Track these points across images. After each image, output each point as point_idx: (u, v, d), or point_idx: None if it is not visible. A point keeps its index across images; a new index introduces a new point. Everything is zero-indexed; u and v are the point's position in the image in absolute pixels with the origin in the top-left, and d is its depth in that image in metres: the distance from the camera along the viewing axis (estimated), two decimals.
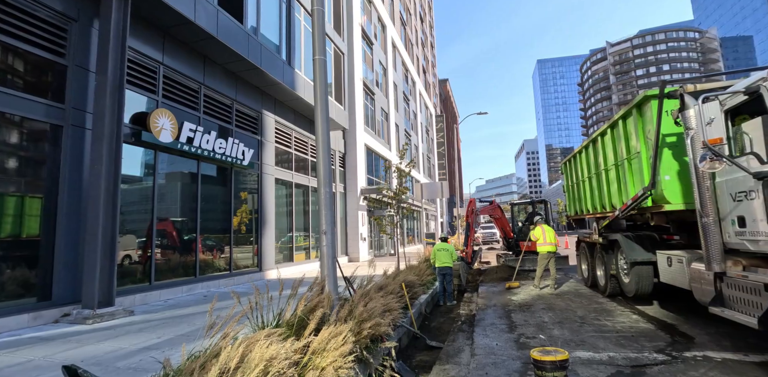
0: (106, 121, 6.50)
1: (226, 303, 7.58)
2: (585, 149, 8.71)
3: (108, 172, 6.46)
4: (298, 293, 4.49)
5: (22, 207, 6.09)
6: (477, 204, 13.82)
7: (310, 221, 14.80)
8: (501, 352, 4.69)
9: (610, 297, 7.65)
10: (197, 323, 5.82)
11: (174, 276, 8.59)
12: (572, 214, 10.41)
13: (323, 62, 5.02)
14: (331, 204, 4.79)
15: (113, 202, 6.52)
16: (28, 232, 6.11)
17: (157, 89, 8.36)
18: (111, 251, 6.43)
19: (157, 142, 7.94)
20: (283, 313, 4.45)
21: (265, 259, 11.64)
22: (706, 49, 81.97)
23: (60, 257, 6.25)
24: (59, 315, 6.12)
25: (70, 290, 6.33)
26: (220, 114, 10.21)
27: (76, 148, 6.58)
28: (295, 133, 14.06)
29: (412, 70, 34.06)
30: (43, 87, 6.39)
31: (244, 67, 10.47)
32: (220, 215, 10.23)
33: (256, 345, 2.76)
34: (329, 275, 4.63)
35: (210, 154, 9.34)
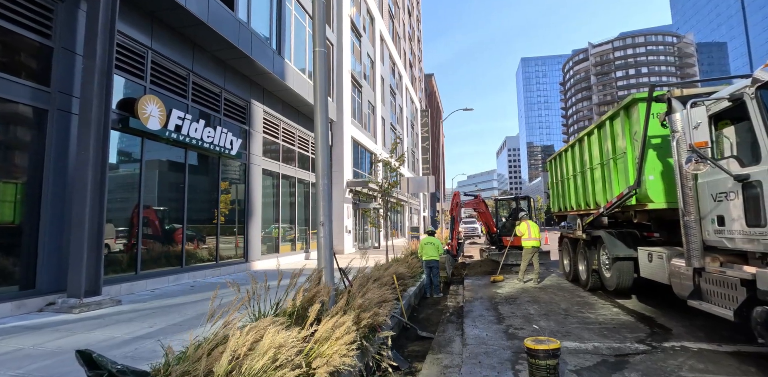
0: (94, 107, 6.33)
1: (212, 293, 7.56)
2: (571, 148, 8.95)
3: (95, 159, 6.31)
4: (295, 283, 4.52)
5: (4, 193, 5.90)
6: (461, 197, 14.00)
7: (296, 213, 14.75)
8: (491, 342, 4.86)
9: (591, 291, 7.96)
10: (188, 313, 5.79)
11: (160, 266, 8.48)
12: (555, 211, 10.71)
13: (323, 54, 5.02)
14: (330, 196, 4.83)
15: (100, 190, 6.38)
16: (11, 219, 5.93)
17: (145, 75, 8.15)
18: (98, 239, 6.30)
19: (144, 129, 7.76)
20: (281, 303, 4.48)
21: (251, 250, 11.58)
22: (683, 54, 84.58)
23: (44, 245, 6.09)
24: (44, 304, 5.98)
25: (55, 279, 6.19)
26: (208, 102, 10.03)
27: (62, 133, 6.39)
28: (283, 124, 13.93)
29: (399, 64, 34.00)
30: (27, 69, 6.16)
31: (233, 55, 10.29)
32: (206, 205, 10.10)
33: (266, 333, 2.80)
34: (327, 266, 4.69)
35: (198, 143, 9.18)
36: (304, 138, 15.58)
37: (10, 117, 5.97)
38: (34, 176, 6.13)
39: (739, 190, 3.97)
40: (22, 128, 6.13)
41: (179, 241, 9.03)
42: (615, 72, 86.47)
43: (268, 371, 2.64)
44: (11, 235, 5.87)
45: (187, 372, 2.82)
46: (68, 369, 3.49)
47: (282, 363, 2.70)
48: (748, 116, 3.95)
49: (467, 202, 14.15)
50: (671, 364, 3.99)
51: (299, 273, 4.62)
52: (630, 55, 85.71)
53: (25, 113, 6.07)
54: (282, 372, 2.65)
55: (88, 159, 6.22)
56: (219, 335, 3.17)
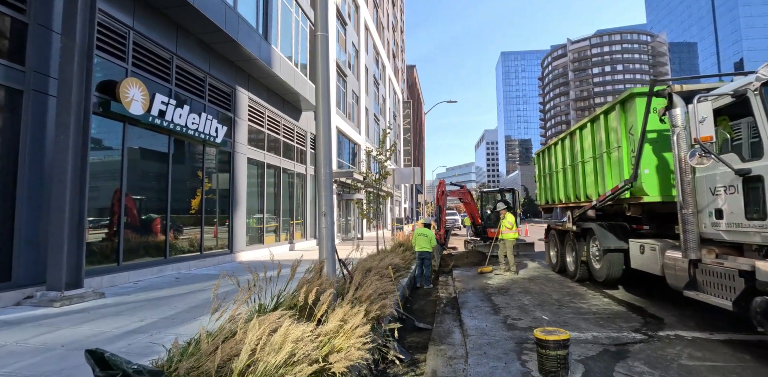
0: (74, 89, 5.93)
1: (203, 284, 7.30)
2: (561, 141, 9.05)
3: (75, 144, 5.94)
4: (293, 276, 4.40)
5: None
6: (447, 186, 14.04)
7: (280, 203, 14.48)
8: (492, 333, 4.88)
9: (580, 282, 8.13)
10: (178, 306, 5.58)
11: (143, 257, 8.15)
12: (543, 203, 10.87)
13: (325, 39, 4.82)
14: (331, 186, 4.69)
15: (81, 176, 6.02)
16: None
17: (127, 56, 7.71)
18: (79, 229, 5.97)
19: (126, 114, 7.37)
20: (282, 295, 4.35)
21: (236, 241, 11.30)
22: (656, 53, 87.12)
23: (20, 235, 5.72)
24: (21, 297, 5.65)
25: (32, 270, 5.84)
26: (192, 88, 9.61)
27: (38, 116, 5.97)
28: (269, 112, 13.55)
29: (382, 54, 33.63)
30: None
31: (219, 39, 9.86)
32: (190, 194, 9.75)
33: (281, 326, 2.68)
34: (328, 258, 4.57)
35: (182, 130, 8.81)
36: (289, 127, 15.23)
37: None
38: (8, 161, 5.72)
39: (740, 184, 4.06)
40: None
41: (162, 231, 8.69)
42: (592, 68, 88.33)
43: (286, 366, 2.54)
44: None
45: (195, 367, 2.68)
46: (57, 367, 3.28)
47: (299, 358, 2.60)
48: (751, 112, 4.03)
49: (452, 191, 14.21)
50: (670, 353, 4.09)
51: (297, 265, 4.48)
52: (606, 53, 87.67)
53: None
54: (300, 367, 2.55)
55: (68, 143, 5.84)
56: (226, 329, 3.02)
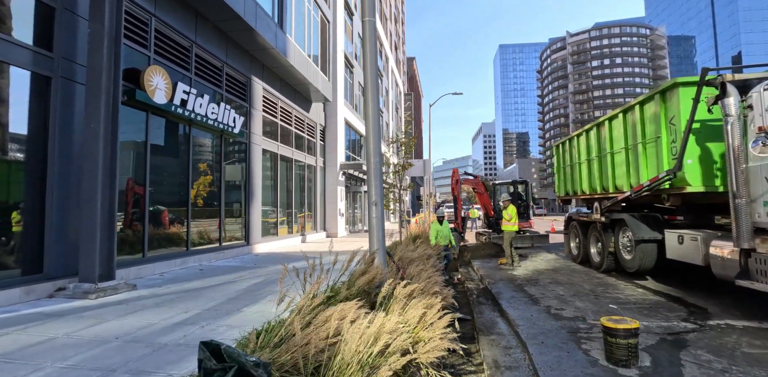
0: (103, 76, 5.76)
1: (229, 276, 7.19)
2: (586, 132, 8.98)
3: (106, 133, 5.78)
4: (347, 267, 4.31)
5: (6, 170, 5.33)
6: (460, 175, 13.97)
7: (293, 195, 14.36)
8: (541, 323, 4.84)
9: (605, 273, 8.13)
10: (216, 297, 5.49)
11: (166, 248, 8.04)
12: (562, 195, 10.83)
13: (373, 24, 4.68)
14: (380, 174, 4.59)
15: (111, 166, 5.88)
16: (14, 198, 5.39)
17: (149, 44, 7.51)
18: (110, 220, 5.84)
19: (151, 103, 7.20)
20: (335, 285, 4.27)
21: (253, 233, 11.20)
22: (655, 46, 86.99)
23: (51, 226, 5.59)
24: (53, 289, 5.53)
25: (63, 262, 5.72)
26: (210, 77, 9.42)
27: (67, 104, 5.81)
28: (281, 103, 13.36)
29: (386, 46, 33.29)
30: (27, 30, 5.49)
31: (237, 27, 9.65)
32: (210, 186, 9.61)
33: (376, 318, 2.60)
34: (380, 248, 4.49)
35: (203, 120, 8.64)
36: (300, 118, 15.05)
37: (9, 84, 5.33)
38: (38, 150, 5.57)
39: None
40: (24, 97, 5.48)
41: (184, 223, 8.57)
42: (591, 61, 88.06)
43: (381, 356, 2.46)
44: (19, 216, 5.33)
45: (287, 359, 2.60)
46: (122, 359, 3.19)
47: (393, 349, 2.52)
48: None
49: (466, 180, 14.12)
50: (728, 341, 4.07)
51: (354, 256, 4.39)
52: (606, 46, 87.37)
53: (26, 80, 5.45)
54: (394, 358, 2.48)
55: (98, 132, 5.69)
56: (301, 320, 2.93)
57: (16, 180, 5.44)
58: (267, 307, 4.96)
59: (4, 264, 5.20)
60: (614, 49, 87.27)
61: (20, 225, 5.37)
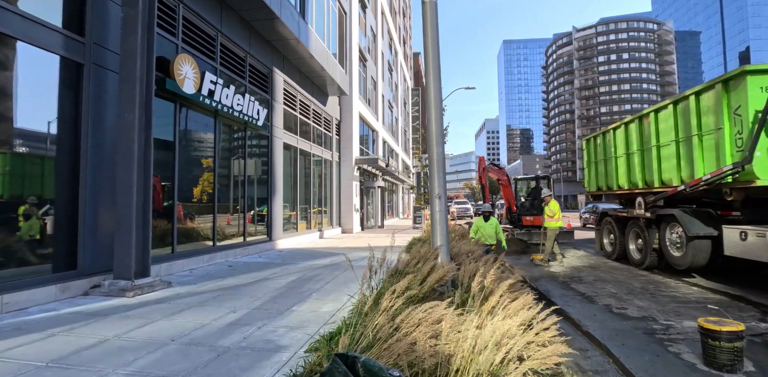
0: (138, 63, 5.48)
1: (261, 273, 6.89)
2: (625, 125, 8.67)
3: (140, 123, 5.51)
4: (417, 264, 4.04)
5: (38, 162, 5.06)
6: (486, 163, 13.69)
7: (311, 190, 14.09)
8: (610, 323, 4.57)
9: (648, 270, 7.86)
10: (258, 295, 5.23)
11: (194, 244, 7.78)
12: (593, 190, 10.53)
13: (434, 5, 4.38)
14: (443, 165, 4.30)
15: (145, 158, 5.61)
16: (47, 191, 5.12)
17: (177, 31, 7.21)
18: (145, 214, 5.58)
19: (180, 93, 6.91)
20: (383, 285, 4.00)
21: (275, 228, 10.94)
22: (662, 41, 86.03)
23: (85, 220, 5.33)
24: (88, 286, 5.28)
25: (96, 258, 5.46)
26: (234, 67, 9.12)
27: (99, 93, 5.52)
28: (300, 96, 13.05)
29: (395, 39, 32.88)
30: (56, 11, 5.18)
31: (261, 16, 9.32)
32: (234, 180, 9.34)
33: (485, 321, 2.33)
34: (444, 245, 4.22)
35: (229, 111, 8.35)
36: (317, 111, 14.74)
37: (40, 71, 5.04)
38: (71, 141, 5.29)
39: None
40: (53, 84, 5.19)
41: (211, 218, 8.31)
42: (597, 57, 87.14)
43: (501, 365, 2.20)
44: (48, 210, 5.07)
45: None
46: (189, 365, 2.93)
47: (511, 356, 2.25)
48: None
49: (492, 169, 13.84)
50: None
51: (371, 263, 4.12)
52: (612, 41, 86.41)
53: (56, 66, 5.16)
54: (512, 366, 2.21)
55: (133, 122, 5.41)
56: (408, 321, 2.66)
57: (48, 173, 5.16)
58: (317, 306, 4.70)
59: (39, 260, 4.94)
60: (621, 45, 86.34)
61: (53, 220, 5.10)
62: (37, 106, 4.99)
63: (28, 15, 4.67)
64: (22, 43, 4.66)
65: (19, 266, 4.70)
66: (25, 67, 4.84)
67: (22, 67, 4.81)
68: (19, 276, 4.62)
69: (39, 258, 4.96)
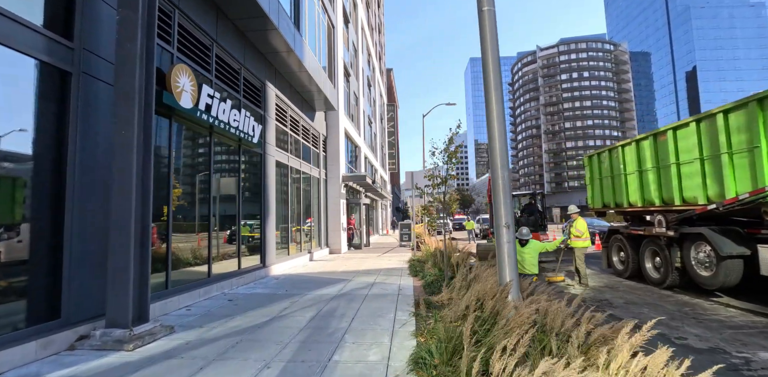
0: (137, 73, 4.77)
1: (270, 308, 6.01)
2: (636, 143, 8.60)
3: (139, 141, 4.76)
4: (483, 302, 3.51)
5: (14, 187, 4.20)
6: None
7: (301, 209, 13.32)
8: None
9: (668, 289, 7.66)
10: (283, 340, 4.51)
11: (189, 276, 6.91)
12: (598, 207, 10.41)
13: (493, 14, 4.00)
14: (510, 191, 3.83)
15: (144, 183, 4.84)
16: (26, 221, 4.24)
17: (172, 40, 6.53)
18: (143, 248, 4.78)
19: (178, 107, 6.18)
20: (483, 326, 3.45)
21: (269, 253, 10.11)
22: (619, 61, 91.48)
23: (71, 256, 4.47)
24: (74, 338, 4.39)
25: (83, 302, 4.59)
26: (229, 80, 8.44)
27: (88, 107, 4.74)
28: (291, 111, 12.43)
29: (373, 55, 32.90)
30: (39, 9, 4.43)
31: (257, 27, 8.75)
32: (229, 202, 8.54)
33: None
34: (515, 280, 3.71)
35: (225, 127, 7.64)
36: (306, 127, 14.12)
37: (19, 79, 4.24)
38: (56, 164, 4.47)
39: None
40: (37, 96, 4.39)
41: (206, 246, 7.46)
42: (560, 75, 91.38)
43: None
44: (27, 245, 4.18)
45: None
46: None
47: None
48: None
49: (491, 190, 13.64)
50: None
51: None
52: (573, 60, 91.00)
53: (41, 75, 4.38)
54: None
55: (131, 140, 4.66)
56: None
57: (25, 199, 4.29)
58: (362, 354, 4.05)
59: (13, 309, 4.04)
60: (581, 64, 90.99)
61: (30, 256, 4.22)
62: (10, 121, 4.15)
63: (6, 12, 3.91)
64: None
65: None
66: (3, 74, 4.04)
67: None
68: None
69: (14, 306, 4.05)
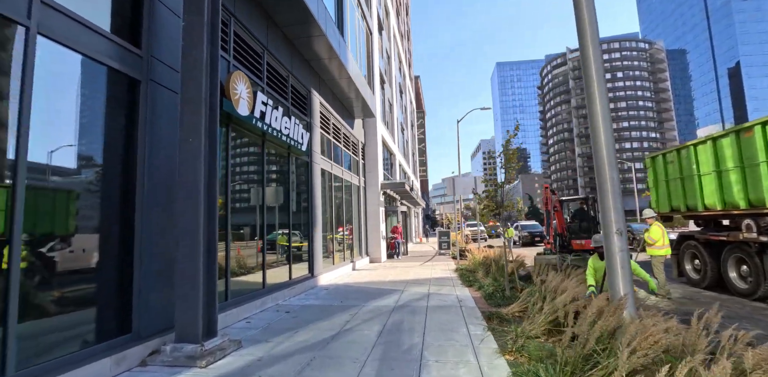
0: (203, 80, 4.66)
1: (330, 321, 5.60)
2: (713, 141, 7.92)
3: (205, 151, 4.62)
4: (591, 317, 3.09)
5: (87, 196, 4.11)
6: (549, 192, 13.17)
7: (343, 217, 13.13)
8: None
9: (760, 301, 6.93)
10: (359, 358, 4.19)
11: (244, 287, 6.75)
12: (666, 210, 9.67)
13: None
14: (620, 193, 3.40)
15: (211, 192, 4.69)
16: (99, 232, 4.14)
17: (229, 47, 6.48)
18: (211, 259, 4.61)
19: (235, 114, 6.09)
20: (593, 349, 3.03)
21: (316, 263, 9.91)
22: (655, 60, 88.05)
23: (141, 268, 4.35)
24: (146, 353, 4.23)
25: (152, 316, 4.45)
26: (279, 88, 8.38)
27: (154, 116, 4.66)
28: (333, 119, 12.33)
29: (404, 62, 32.85)
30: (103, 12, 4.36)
31: (304, 33, 8.68)
32: (280, 211, 8.40)
33: None
34: (629, 293, 3.27)
35: (278, 135, 7.53)
36: (347, 135, 14.00)
37: (93, 87, 4.18)
38: (124, 173, 4.38)
39: None
40: (108, 105, 4.32)
41: (260, 255, 7.31)
42: None
43: None
44: (97, 255, 4.07)
45: None
46: None
47: None
48: None
49: (548, 197, 13.25)
50: None
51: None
52: (606, 60, 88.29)
53: (113, 83, 4.31)
54: None
55: (199, 149, 4.53)
56: None
57: (97, 210, 4.20)
58: (452, 375, 3.67)
59: (85, 323, 3.91)
60: (615, 64, 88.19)
61: (101, 268, 4.11)
62: (85, 131, 4.08)
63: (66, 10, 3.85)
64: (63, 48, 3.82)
65: (63, 335, 3.66)
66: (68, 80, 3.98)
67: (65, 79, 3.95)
68: (64, 350, 3.58)
69: (85, 320, 3.93)
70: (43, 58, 3.45)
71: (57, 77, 3.72)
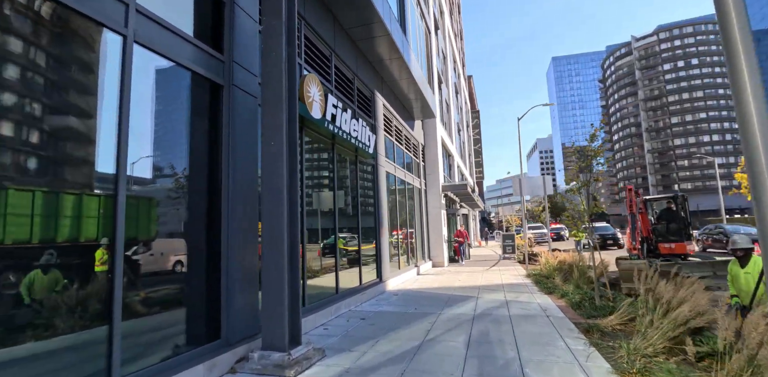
0: (283, 83, 4.57)
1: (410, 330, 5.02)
2: None
3: (286, 154, 4.53)
4: None
5: (189, 203, 4.14)
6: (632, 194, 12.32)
7: (406, 221, 12.85)
8: None
9: None
10: (453, 371, 3.84)
11: (319, 293, 6.66)
12: None
13: None
14: None
15: (292, 198, 4.58)
16: (190, 235, 4.17)
17: (300, 50, 6.45)
18: (294, 265, 4.50)
19: (309, 117, 6.02)
20: None
21: (384, 267, 9.70)
22: None
23: (228, 274, 4.32)
24: (234, 360, 4.18)
25: (237, 322, 4.40)
26: (345, 90, 8.31)
27: (235, 120, 4.64)
28: (395, 121, 12.13)
29: (458, 62, 32.15)
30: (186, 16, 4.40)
31: (368, 34, 8.55)
32: (349, 215, 8.29)
33: None
34: None
35: (347, 138, 7.42)
36: (408, 137, 13.75)
37: (178, 93, 4.23)
38: (209, 179, 4.39)
39: None
40: (192, 110, 4.36)
41: (334, 260, 7.21)
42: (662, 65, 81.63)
43: None
44: (186, 261, 4.09)
45: None
46: None
47: None
48: None
49: (632, 199, 12.30)
50: None
51: None
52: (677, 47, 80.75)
53: (195, 88, 4.35)
54: None
55: (281, 154, 4.44)
56: None
57: (186, 216, 4.23)
58: None
59: (179, 328, 3.92)
60: (688, 50, 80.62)
61: (192, 272, 4.12)
62: (175, 139, 4.13)
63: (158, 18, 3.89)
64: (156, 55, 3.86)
65: (159, 338, 3.67)
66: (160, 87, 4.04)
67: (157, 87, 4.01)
68: (160, 353, 3.58)
69: (178, 326, 3.94)
70: (138, 65, 3.50)
71: (149, 85, 3.78)
